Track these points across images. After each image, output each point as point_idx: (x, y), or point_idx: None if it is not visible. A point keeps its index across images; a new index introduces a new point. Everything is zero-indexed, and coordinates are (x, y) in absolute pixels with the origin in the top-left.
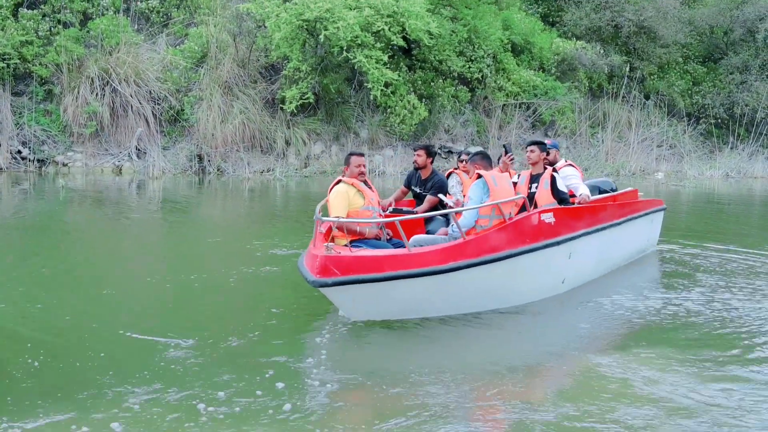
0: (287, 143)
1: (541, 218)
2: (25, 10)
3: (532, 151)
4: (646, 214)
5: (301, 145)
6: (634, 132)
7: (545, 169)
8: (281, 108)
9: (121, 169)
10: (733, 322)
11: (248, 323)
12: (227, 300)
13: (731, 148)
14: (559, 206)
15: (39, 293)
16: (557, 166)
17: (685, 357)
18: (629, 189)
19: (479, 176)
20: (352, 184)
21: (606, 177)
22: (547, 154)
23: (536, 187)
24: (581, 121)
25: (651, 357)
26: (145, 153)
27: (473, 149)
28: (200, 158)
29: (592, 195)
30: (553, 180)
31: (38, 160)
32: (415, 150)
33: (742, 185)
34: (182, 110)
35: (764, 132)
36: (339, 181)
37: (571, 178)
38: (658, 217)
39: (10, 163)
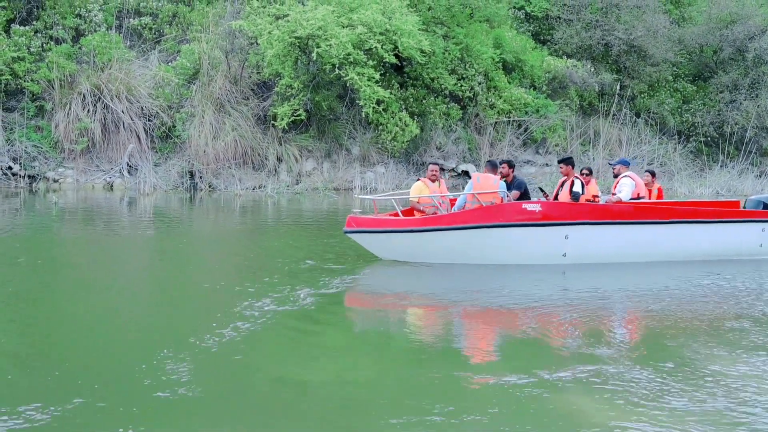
0: (279, 160)
1: (523, 207)
2: (18, 26)
3: (561, 167)
4: (736, 222)
5: (293, 161)
6: (625, 150)
7: (573, 177)
8: (273, 125)
9: (112, 186)
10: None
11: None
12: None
13: (721, 166)
14: (561, 201)
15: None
16: (619, 177)
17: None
18: (731, 200)
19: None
20: (423, 181)
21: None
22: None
23: (561, 190)
24: (572, 139)
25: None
26: (137, 169)
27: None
28: (192, 175)
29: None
30: (572, 184)
31: (29, 176)
32: (500, 164)
33: None
34: (174, 127)
35: (754, 150)
36: (418, 179)
37: (621, 186)
38: None
39: (0, 179)
